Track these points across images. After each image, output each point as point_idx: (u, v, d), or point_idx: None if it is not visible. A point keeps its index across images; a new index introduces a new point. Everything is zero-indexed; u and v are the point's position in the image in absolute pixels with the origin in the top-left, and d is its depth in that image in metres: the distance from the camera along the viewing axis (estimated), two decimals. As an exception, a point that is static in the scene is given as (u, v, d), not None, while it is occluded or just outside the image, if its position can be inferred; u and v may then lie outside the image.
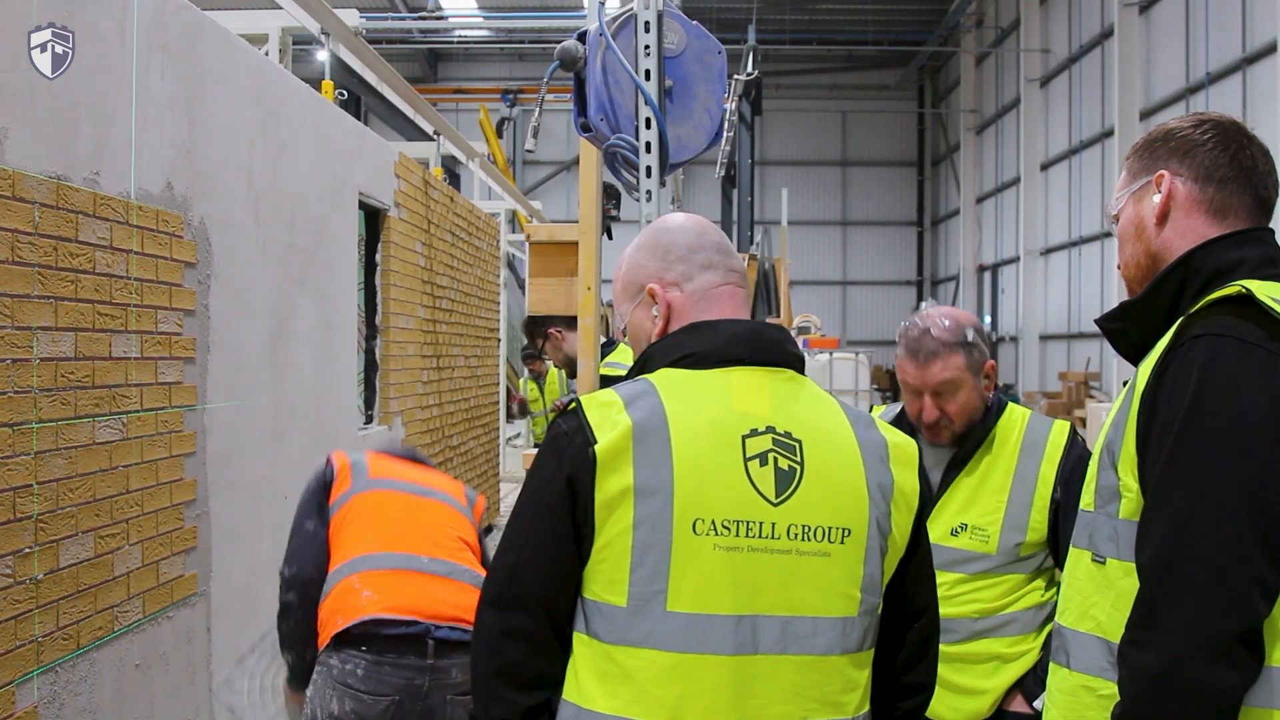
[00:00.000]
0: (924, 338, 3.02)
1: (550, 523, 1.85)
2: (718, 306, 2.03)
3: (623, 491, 1.81)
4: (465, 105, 33.42)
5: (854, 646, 1.88)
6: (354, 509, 3.57)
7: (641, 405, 1.86)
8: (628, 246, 2.17)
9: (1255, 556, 1.67)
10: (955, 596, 2.93)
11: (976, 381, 3.00)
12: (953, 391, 2.98)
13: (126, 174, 4.15)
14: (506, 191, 16.39)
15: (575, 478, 1.83)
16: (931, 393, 3.00)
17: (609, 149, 3.59)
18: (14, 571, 3.49)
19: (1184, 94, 19.62)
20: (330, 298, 6.51)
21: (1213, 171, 1.97)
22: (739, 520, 1.82)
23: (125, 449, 4.13)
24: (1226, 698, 1.67)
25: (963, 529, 2.95)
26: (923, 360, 3.01)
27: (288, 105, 5.81)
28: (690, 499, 1.81)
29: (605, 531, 1.82)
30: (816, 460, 1.89)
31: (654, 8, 3.51)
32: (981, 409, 3.03)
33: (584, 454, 1.83)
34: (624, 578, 1.81)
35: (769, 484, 1.85)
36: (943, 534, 2.96)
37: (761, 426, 1.88)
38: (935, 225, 37.87)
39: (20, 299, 3.52)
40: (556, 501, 1.85)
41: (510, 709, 1.87)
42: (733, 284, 2.05)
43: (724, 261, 2.06)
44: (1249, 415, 1.71)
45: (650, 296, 2.06)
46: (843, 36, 33.93)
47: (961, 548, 2.94)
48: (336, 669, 3.29)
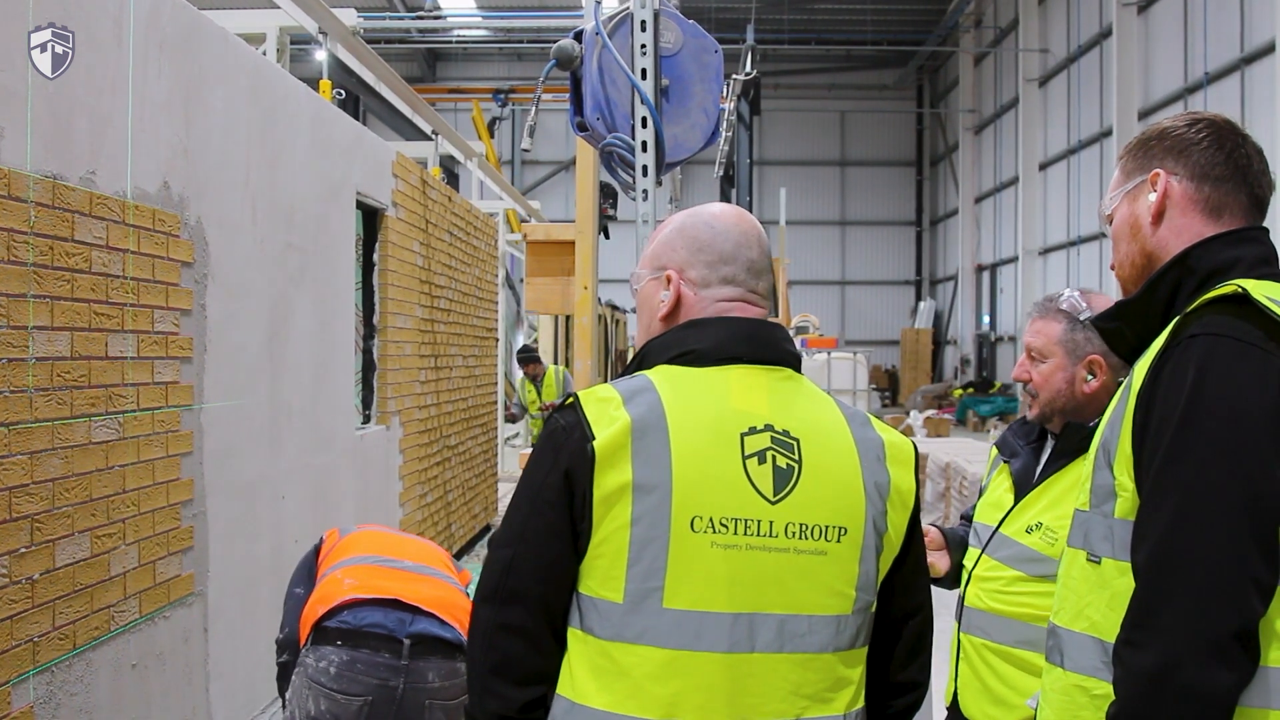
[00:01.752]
0: (1045, 301, 2.99)
1: (547, 518, 1.84)
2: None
3: (621, 488, 1.81)
4: (463, 105, 33.44)
5: (846, 644, 1.88)
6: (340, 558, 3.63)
7: (640, 401, 1.86)
8: (678, 212, 2.13)
9: (1251, 556, 1.67)
10: (1010, 594, 2.84)
11: (1069, 364, 2.88)
12: (1040, 359, 2.91)
13: (123, 173, 4.14)
14: (505, 191, 16.39)
15: (573, 473, 1.83)
16: (1027, 351, 2.95)
17: (605, 148, 3.59)
18: (10, 571, 3.48)
19: (1182, 94, 19.65)
20: (328, 297, 6.50)
21: (1208, 170, 1.97)
22: (737, 518, 1.82)
23: (122, 449, 4.13)
24: (1222, 697, 1.67)
25: (1037, 528, 2.85)
26: (1033, 315, 2.98)
27: (285, 105, 5.80)
28: (688, 496, 1.81)
29: (603, 527, 1.82)
30: (814, 459, 1.89)
31: (650, 7, 3.51)
32: (1068, 398, 2.89)
33: (582, 450, 1.82)
34: (621, 574, 1.81)
35: (767, 482, 1.85)
36: (1019, 529, 2.88)
37: (760, 424, 1.88)
38: (934, 225, 37.93)
39: (16, 298, 3.52)
40: (554, 496, 1.84)
41: (506, 704, 1.86)
42: (747, 303, 2.02)
43: (749, 280, 2.02)
44: (1245, 415, 1.71)
45: (666, 280, 2.04)
46: (841, 36, 33.98)
47: (1031, 546, 2.84)
48: (311, 667, 3.30)
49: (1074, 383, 2.89)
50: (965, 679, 2.93)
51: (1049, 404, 2.91)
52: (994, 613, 2.84)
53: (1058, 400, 2.89)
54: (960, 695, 2.94)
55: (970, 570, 2.96)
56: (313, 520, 6.18)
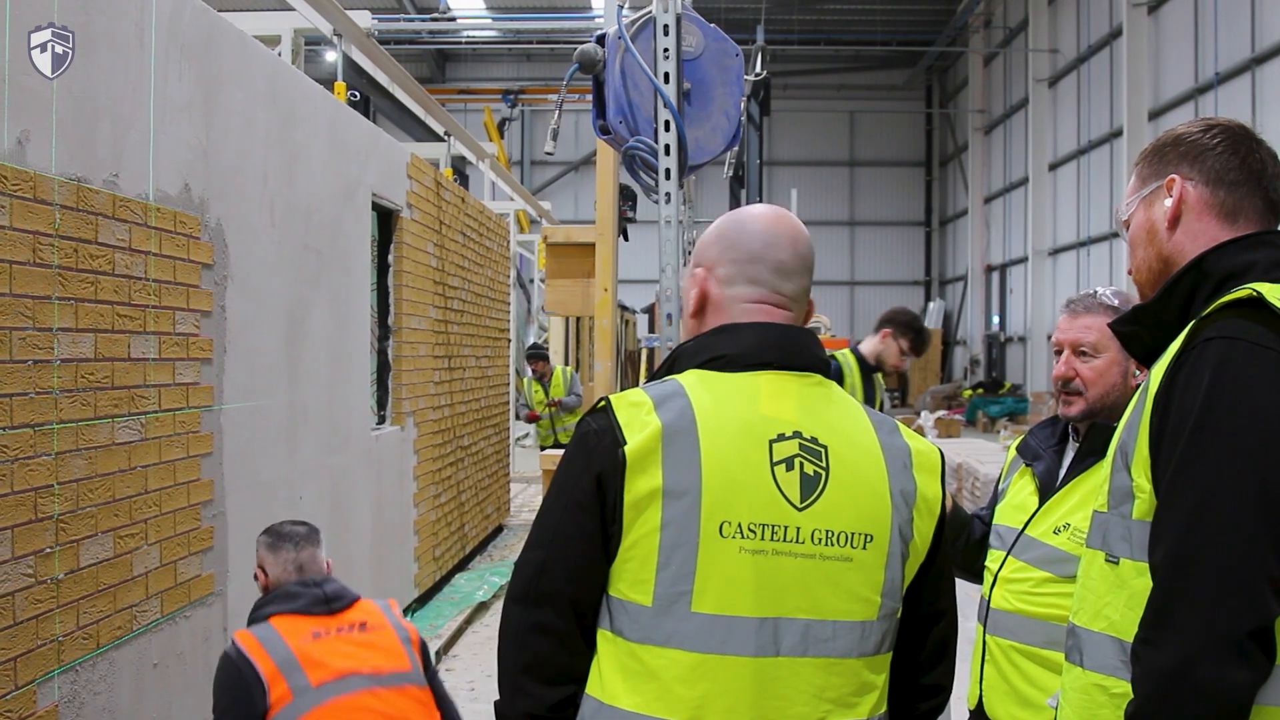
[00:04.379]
0: (1086, 297, 2.96)
1: (579, 520, 1.88)
2: (746, 320, 2.03)
3: (652, 493, 1.83)
4: (473, 106, 33.47)
5: (871, 650, 1.91)
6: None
7: (671, 407, 1.89)
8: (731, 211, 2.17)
9: (1266, 556, 1.69)
10: (1039, 595, 2.83)
11: (1123, 359, 2.85)
12: (1093, 354, 2.88)
13: (145, 176, 4.18)
14: (515, 192, 16.41)
15: (604, 477, 1.86)
16: (1072, 348, 2.92)
17: (628, 151, 3.60)
18: (35, 571, 3.52)
19: (1193, 94, 19.59)
20: (344, 298, 6.54)
21: (1223, 175, 1.99)
22: (764, 524, 1.85)
23: (144, 449, 4.17)
24: (1238, 696, 1.69)
25: (1065, 528, 2.83)
26: (1075, 312, 2.94)
27: (302, 107, 5.84)
28: (717, 501, 1.83)
29: (633, 531, 1.85)
30: (841, 466, 1.91)
31: (673, 10, 3.52)
32: (1122, 393, 2.85)
33: (613, 454, 1.85)
34: (650, 577, 1.84)
35: (794, 488, 1.87)
36: (1046, 530, 2.87)
37: (789, 431, 1.90)
38: (943, 225, 37.82)
39: (41, 300, 3.55)
40: (585, 499, 1.87)
41: (536, 703, 1.90)
42: (771, 304, 2.03)
43: (774, 281, 2.03)
44: (1260, 416, 1.72)
45: (696, 277, 2.08)
46: (851, 37, 33.92)
47: (1059, 546, 2.83)
48: None
49: (1125, 378, 2.87)
50: (991, 681, 2.91)
51: (1100, 399, 2.88)
52: (1022, 614, 2.83)
53: (1111, 394, 2.87)
54: (986, 698, 2.93)
55: (996, 572, 2.95)
56: (329, 520, 6.22)
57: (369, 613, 3.55)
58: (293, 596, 3.45)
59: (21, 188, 3.46)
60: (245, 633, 3.36)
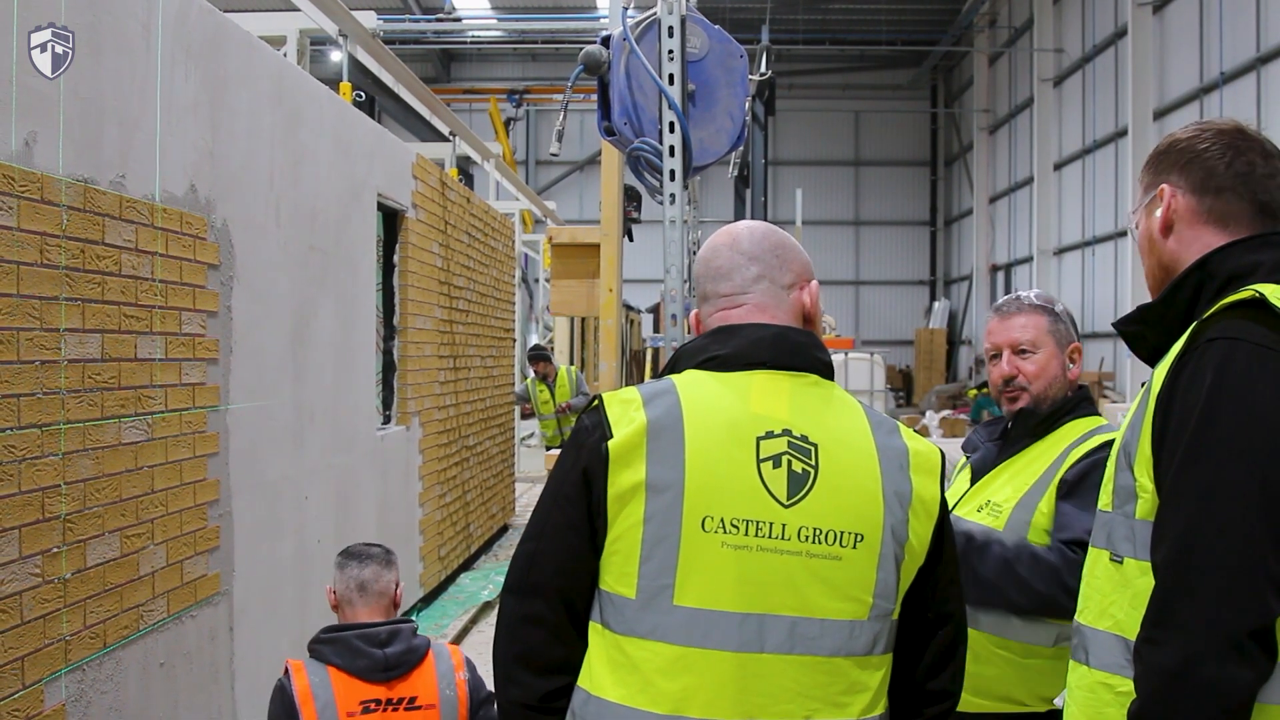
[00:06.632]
0: (1013, 300, 3.11)
1: (566, 513, 1.93)
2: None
3: (635, 486, 1.87)
4: (477, 105, 33.51)
5: (861, 650, 1.91)
6: None
7: (659, 403, 1.93)
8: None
9: (1267, 555, 1.70)
10: None
11: (1059, 352, 3.02)
12: (1032, 350, 3.02)
13: (151, 176, 4.19)
14: (520, 192, 16.43)
15: (590, 471, 1.91)
16: (1011, 348, 3.04)
17: (633, 152, 3.61)
18: (43, 571, 3.53)
19: (1198, 94, 19.58)
20: (349, 299, 6.55)
21: (1207, 182, 2.00)
22: (748, 520, 1.87)
23: (150, 449, 4.18)
24: (1240, 694, 1.70)
25: (987, 505, 2.97)
26: (1006, 313, 3.08)
27: (308, 108, 5.85)
28: (700, 496, 1.86)
29: (617, 525, 1.89)
30: (831, 464, 1.92)
31: (678, 12, 3.52)
32: (1062, 385, 3.03)
33: (599, 448, 1.90)
34: (633, 570, 1.87)
35: (781, 486, 1.89)
36: (970, 510, 3.00)
37: (778, 429, 1.92)
38: (948, 225, 37.81)
39: (49, 301, 3.56)
40: (573, 493, 1.93)
41: (528, 692, 1.94)
42: (725, 309, 2.09)
43: (717, 286, 2.11)
44: (1262, 417, 1.73)
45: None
46: (855, 36, 33.91)
47: (979, 522, 2.94)
48: None
49: (1063, 368, 3.04)
50: None
51: (1044, 391, 3.02)
52: None
53: (1053, 387, 3.02)
54: None
55: None
56: (334, 520, 6.23)
57: (424, 686, 3.43)
58: (356, 653, 3.37)
59: (29, 189, 3.47)
60: (301, 671, 3.31)
